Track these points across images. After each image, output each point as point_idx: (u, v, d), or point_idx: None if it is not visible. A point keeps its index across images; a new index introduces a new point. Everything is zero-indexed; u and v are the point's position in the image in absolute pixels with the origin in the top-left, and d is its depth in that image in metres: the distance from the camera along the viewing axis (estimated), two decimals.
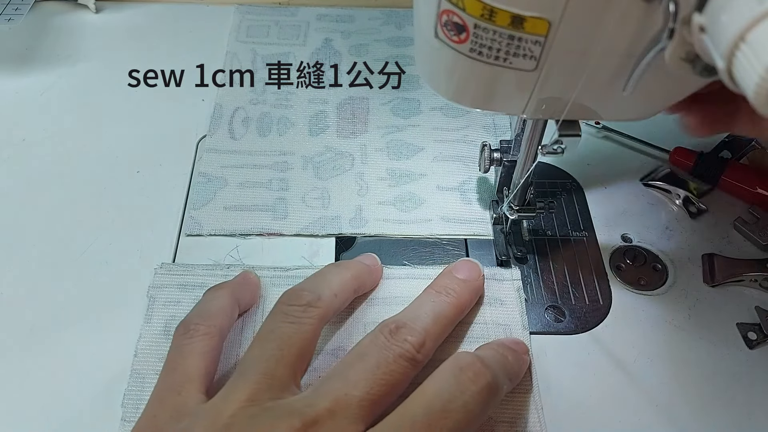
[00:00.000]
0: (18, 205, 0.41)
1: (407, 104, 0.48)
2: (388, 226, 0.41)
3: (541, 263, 0.39)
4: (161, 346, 0.34)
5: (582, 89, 0.26)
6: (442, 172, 0.44)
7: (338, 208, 0.42)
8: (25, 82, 0.49)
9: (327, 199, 0.42)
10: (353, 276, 0.34)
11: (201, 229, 0.40)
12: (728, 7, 0.18)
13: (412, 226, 0.41)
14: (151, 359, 0.33)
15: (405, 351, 0.29)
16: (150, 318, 0.35)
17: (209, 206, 0.41)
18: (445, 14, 0.25)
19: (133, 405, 0.32)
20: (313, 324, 0.30)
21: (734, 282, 0.38)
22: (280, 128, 0.46)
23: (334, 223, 0.41)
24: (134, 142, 0.45)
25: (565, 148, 0.31)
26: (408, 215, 0.41)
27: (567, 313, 0.37)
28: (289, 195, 0.42)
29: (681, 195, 0.42)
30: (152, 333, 0.35)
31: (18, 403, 0.33)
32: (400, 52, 0.52)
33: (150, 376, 0.33)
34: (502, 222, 0.40)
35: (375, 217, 0.41)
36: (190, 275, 0.37)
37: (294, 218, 0.41)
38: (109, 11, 0.56)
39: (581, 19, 0.23)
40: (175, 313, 0.35)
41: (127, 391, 0.33)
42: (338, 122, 0.47)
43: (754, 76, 0.17)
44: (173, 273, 0.37)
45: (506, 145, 0.38)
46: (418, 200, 0.42)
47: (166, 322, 0.35)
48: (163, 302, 0.36)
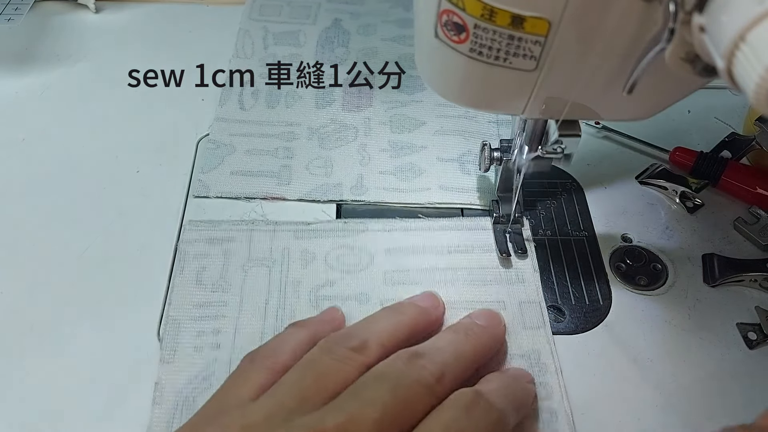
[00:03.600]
0: (18, 205, 0.41)
1: (412, 81, 0.50)
2: (387, 194, 0.42)
3: (541, 263, 0.39)
4: (194, 295, 0.37)
5: (582, 89, 0.27)
6: (443, 145, 0.45)
7: (340, 176, 0.43)
8: (25, 82, 0.49)
9: (330, 167, 0.44)
10: (407, 324, 0.32)
11: (208, 191, 0.42)
12: (728, 7, 0.18)
13: (411, 195, 0.42)
14: (186, 306, 0.36)
15: (422, 377, 0.28)
16: (182, 270, 0.38)
17: (216, 171, 0.43)
18: (445, 14, 0.25)
19: (171, 348, 0.35)
20: (355, 368, 0.29)
21: (734, 282, 0.38)
22: (287, 101, 0.48)
23: (335, 190, 0.42)
24: (134, 142, 0.45)
25: (565, 148, 0.31)
26: (408, 184, 0.43)
27: (567, 313, 0.37)
28: (294, 163, 0.44)
29: (678, 191, 0.42)
30: (184, 283, 0.37)
31: (18, 403, 0.33)
32: (408, 32, 0.54)
33: (185, 322, 0.35)
34: (502, 221, 0.40)
35: (375, 186, 0.43)
36: (218, 230, 0.40)
37: (297, 184, 0.43)
38: (109, 11, 0.56)
39: (581, 19, 0.23)
40: (205, 265, 0.38)
41: (164, 335, 0.35)
42: (344, 97, 0.48)
43: (754, 76, 0.17)
44: (200, 229, 0.40)
45: (506, 145, 0.38)
46: (418, 170, 0.44)
47: (197, 273, 0.38)
48: (193, 255, 0.38)
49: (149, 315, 0.36)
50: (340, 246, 0.39)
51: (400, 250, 0.39)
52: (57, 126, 0.46)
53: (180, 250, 0.39)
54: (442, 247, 0.39)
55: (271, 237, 0.39)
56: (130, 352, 0.35)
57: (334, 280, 0.37)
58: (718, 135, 0.44)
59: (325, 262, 0.38)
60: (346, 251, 0.39)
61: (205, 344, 0.35)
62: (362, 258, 0.39)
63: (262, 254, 0.39)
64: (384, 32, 0.54)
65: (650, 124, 0.32)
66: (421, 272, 0.38)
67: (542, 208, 0.42)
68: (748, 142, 0.43)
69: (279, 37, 0.53)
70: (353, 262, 0.38)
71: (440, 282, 0.37)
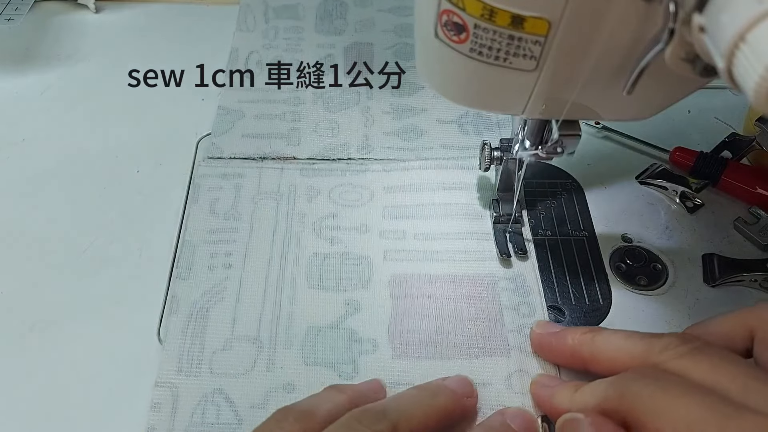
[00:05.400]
0: (18, 205, 0.41)
1: (410, 49, 0.52)
2: (392, 153, 0.45)
3: (541, 263, 0.39)
4: (208, 222, 0.40)
5: (582, 89, 0.27)
6: (442, 108, 0.48)
7: (347, 137, 0.46)
8: (25, 82, 0.49)
9: (336, 129, 0.46)
10: (440, 411, 0.30)
11: (222, 153, 0.44)
12: (728, 7, 0.18)
13: (414, 152, 0.45)
14: (200, 232, 0.39)
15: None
16: (197, 199, 0.41)
17: (228, 134, 0.45)
18: (445, 14, 0.25)
19: (186, 267, 0.38)
20: None
21: (734, 282, 0.38)
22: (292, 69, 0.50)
23: (343, 150, 0.45)
24: (134, 141, 0.45)
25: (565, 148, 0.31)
26: (411, 144, 0.46)
27: (567, 313, 0.37)
28: (302, 125, 0.46)
29: (678, 190, 0.42)
30: (198, 212, 0.41)
31: (17, 403, 0.33)
32: (403, 3, 0.56)
33: (200, 245, 0.39)
34: (502, 221, 0.40)
35: (380, 145, 0.45)
36: (230, 167, 0.43)
37: (306, 145, 0.45)
38: (109, 11, 0.56)
39: (581, 19, 0.23)
40: (218, 197, 0.41)
41: (179, 256, 0.38)
42: (345, 64, 0.51)
43: (754, 76, 0.17)
44: (214, 165, 0.43)
45: (506, 144, 0.38)
46: (419, 131, 0.46)
47: (210, 204, 0.41)
48: (208, 188, 0.42)
49: (149, 315, 0.36)
50: (343, 184, 0.43)
51: (398, 188, 0.42)
52: (57, 126, 0.46)
53: (194, 183, 0.42)
54: (438, 184, 0.42)
55: (280, 174, 0.43)
56: (130, 352, 0.35)
57: (336, 213, 0.41)
58: (718, 135, 0.44)
59: (328, 197, 0.42)
60: (348, 188, 0.42)
61: (218, 264, 0.38)
62: (363, 194, 0.42)
63: (271, 189, 0.42)
64: (380, 3, 0.56)
65: (650, 124, 0.32)
66: (417, 207, 0.41)
67: (542, 208, 0.42)
68: (749, 143, 0.43)
69: (279, 11, 0.55)
70: (354, 198, 0.42)
71: (436, 215, 0.41)
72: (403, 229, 0.40)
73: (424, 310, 0.36)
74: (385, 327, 0.35)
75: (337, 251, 0.39)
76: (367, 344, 0.35)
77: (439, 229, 0.40)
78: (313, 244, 0.39)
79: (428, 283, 0.37)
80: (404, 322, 0.36)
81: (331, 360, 0.34)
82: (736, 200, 0.42)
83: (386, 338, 0.35)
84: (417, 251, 0.39)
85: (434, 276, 0.38)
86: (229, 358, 0.34)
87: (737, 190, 0.42)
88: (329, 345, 0.35)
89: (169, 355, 0.34)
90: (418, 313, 0.36)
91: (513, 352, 0.34)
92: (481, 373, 0.33)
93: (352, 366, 0.34)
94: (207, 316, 0.36)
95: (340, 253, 0.39)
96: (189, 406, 0.32)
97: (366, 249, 0.39)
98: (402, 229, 0.40)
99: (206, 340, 0.35)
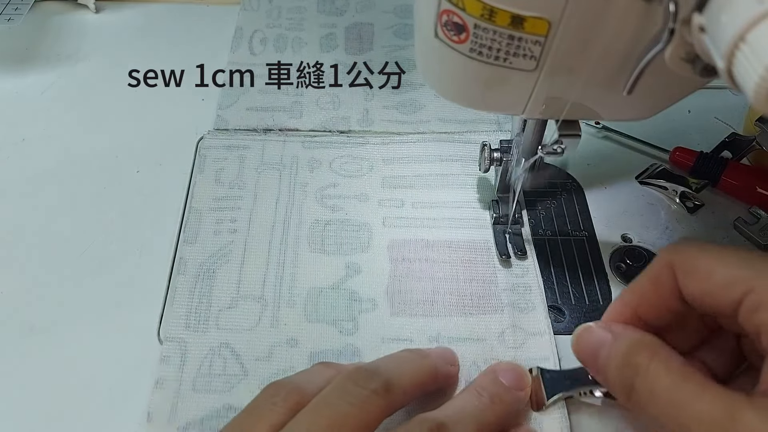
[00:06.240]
0: (18, 205, 0.41)
1: (409, 29, 0.54)
2: (392, 126, 0.46)
3: (541, 263, 0.39)
4: (213, 190, 0.42)
5: (582, 89, 0.27)
6: None
7: (348, 110, 0.47)
8: (25, 82, 0.49)
9: (338, 102, 0.48)
10: (429, 371, 0.31)
11: (227, 125, 0.46)
12: (728, 7, 0.18)
13: (413, 126, 0.47)
14: (206, 199, 0.41)
15: None
16: (202, 170, 0.43)
17: (233, 107, 0.47)
18: (445, 14, 0.25)
19: (194, 232, 0.40)
20: (375, 414, 0.27)
21: None
22: (294, 47, 0.52)
23: (344, 122, 0.47)
24: (134, 141, 0.45)
25: (565, 148, 0.31)
26: (410, 117, 0.47)
27: (567, 313, 0.37)
28: (304, 99, 0.48)
29: (678, 190, 0.42)
30: (204, 181, 0.42)
31: (17, 403, 0.33)
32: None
33: (206, 212, 0.41)
34: (502, 222, 0.40)
35: (380, 118, 0.47)
36: (234, 139, 0.45)
37: (308, 117, 0.47)
38: (109, 11, 0.56)
39: (581, 19, 0.23)
40: (223, 167, 0.43)
41: (185, 220, 0.40)
42: (346, 42, 0.53)
43: (754, 76, 0.17)
44: (219, 137, 0.45)
45: (506, 145, 0.38)
46: (418, 105, 0.48)
47: (215, 173, 0.43)
48: (213, 158, 0.44)
49: (149, 315, 0.36)
50: (343, 155, 0.44)
51: (397, 159, 0.44)
52: (57, 126, 0.46)
53: (200, 154, 0.44)
54: (436, 156, 0.44)
55: (282, 146, 0.45)
56: (130, 352, 0.35)
57: (337, 182, 0.43)
58: (718, 135, 0.44)
59: (329, 167, 0.43)
60: (348, 160, 0.44)
61: (223, 229, 0.40)
62: (362, 165, 0.44)
63: (274, 160, 0.44)
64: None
65: (650, 124, 0.32)
66: (415, 178, 0.43)
67: (542, 208, 0.42)
68: (749, 143, 0.43)
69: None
70: (355, 169, 0.43)
71: (434, 185, 0.42)
72: (402, 198, 0.42)
73: (422, 272, 0.38)
74: (383, 288, 0.37)
75: (337, 218, 0.40)
76: (366, 303, 0.36)
77: (437, 198, 0.41)
78: (315, 212, 0.41)
79: (425, 248, 0.39)
80: (402, 283, 0.37)
81: (332, 317, 0.36)
82: (736, 200, 0.42)
83: (385, 298, 0.37)
84: (415, 218, 0.41)
85: (431, 241, 0.39)
86: (235, 315, 0.36)
87: (737, 190, 0.42)
88: (330, 304, 0.36)
89: (178, 313, 0.36)
90: (416, 275, 0.38)
91: (506, 310, 0.36)
92: (475, 329, 0.35)
93: (353, 323, 0.36)
94: (213, 276, 0.37)
95: (340, 219, 0.40)
96: (197, 359, 0.34)
97: (366, 216, 0.41)
98: (400, 198, 0.42)
99: (213, 299, 0.36)
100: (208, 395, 0.33)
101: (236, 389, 0.33)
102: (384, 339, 0.35)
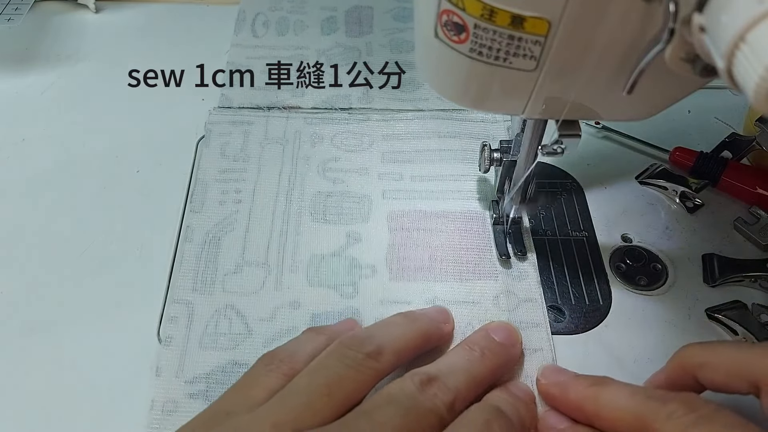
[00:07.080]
0: (18, 205, 0.41)
1: (408, 13, 0.55)
2: (392, 103, 0.48)
3: (541, 263, 0.39)
4: (219, 163, 0.43)
5: (582, 89, 0.27)
6: None
7: (348, 88, 0.49)
8: (25, 82, 0.49)
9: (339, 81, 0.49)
10: (421, 333, 0.32)
11: (231, 103, 0.48)
12: (728, 7, 0.18)
13: (412, 103, 0.48)
14: (212, 171, 0.43)
15: (435, 407, 0.27)
16: (208, 144, 0.44)
17: (237, 86, 0.49)
18: (445, 14, 0.25)
19: (200, 201, 0.41)
20: (370, 376, 0.29)
21: (734, 282, 0.38)
22: (296, 29, 0.54)
23: (345, 100, 0.48)
24: (134, 141, 0.45)
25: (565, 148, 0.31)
26: (409, 95, 0.49)
27: (567, 313, 0.37)
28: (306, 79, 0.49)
29: (678, 190, 0.42)
30: (210, 154, 0.44)
31: (17, 403, 0.33)
32: None
33: (211, 183, 0.42)
34: (502, 222, 0.40)
35: (380, 96, 0.48)
36: (239, 115, 0.47)
37: (310, 95, 0.49)
38: (109, 11, 0.56)
39: (581, 19, 0.23)
40: (228, 141, 0.45)
41: (191, 192, 0.42)
42: (347, 24, 0.54)
43: (754, 76, 0.17)
44: (224, 114, 0.47)
45: (506, 145, 0.38)
46: (417, 84, 0.50)
47: (221, 147, 0.44)
48: (218, 133, 0.45)
49: (149, 315, 0.36)
50: (345, 131, 0.46)
51: (396, 135, 0.46)
52: (57, 126, 0.46)
53: (206, 129, 0.45)
54: (434, 132, 0.46)
55: (285, 122, 0.46)
56: (130, 352, 0.35)
57: (338, 157, 0.44)
58: (718, 135, 0.44)
59: (331, 142, 0.45)
60: (349, 135, 0.46)
61: (228, 199, 0.41)
62: (363, 141, 0.45)
63: (277, 135, 0.45)
64: None
65: (650, 124, 0.32)
66: (414, 153, 0.44)
67: (542, 208, 0.42)
68: (749, 143, 0.43)
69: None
70: (355, 144, 0.45)
71: (432, 160, 0.44)
72: (401, 171, 0.43)
73: (420, 241, 0.39)
74: (383, 255, 0.39)
75: (339, 190, 0.42)
76: (366, 269, 0.38)
77: (435, 172, 0.43)
78: (317, 184, 0.42)
79: (423, 219, 0.41)
80: (401, 250, 0.39)
81: (333, 282, 0.38)
82: (736, 200, 0.42)
83: (384, 264, 0.38)
84: (414, 191, 0.42)
85: (429, 212, 0.41)
86: (240, 279, 0.38)
87: (737, 190, 0.42)
88: (332, 270, 0.38)
89: (185, 276, 0.37)
90: (414, 243, 0.39)
91: (501, 276, 0.38)
92: (471, 294, 0.37)
93: (353, 287, 0.37)
94: (219, 243, 0.39)
95: (341, 191, 0.42)
96: (203, 319, 0.36)
97: (366, 188, 0.42)
98: (399, 171, 0.43)
99: (218, 264, 0.38)
100: (214, 352, 0.34)
101: (241, 347, 0.35)
102: (383, 301, 0.37)
